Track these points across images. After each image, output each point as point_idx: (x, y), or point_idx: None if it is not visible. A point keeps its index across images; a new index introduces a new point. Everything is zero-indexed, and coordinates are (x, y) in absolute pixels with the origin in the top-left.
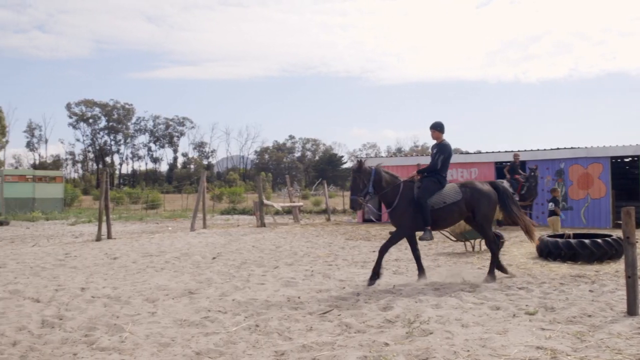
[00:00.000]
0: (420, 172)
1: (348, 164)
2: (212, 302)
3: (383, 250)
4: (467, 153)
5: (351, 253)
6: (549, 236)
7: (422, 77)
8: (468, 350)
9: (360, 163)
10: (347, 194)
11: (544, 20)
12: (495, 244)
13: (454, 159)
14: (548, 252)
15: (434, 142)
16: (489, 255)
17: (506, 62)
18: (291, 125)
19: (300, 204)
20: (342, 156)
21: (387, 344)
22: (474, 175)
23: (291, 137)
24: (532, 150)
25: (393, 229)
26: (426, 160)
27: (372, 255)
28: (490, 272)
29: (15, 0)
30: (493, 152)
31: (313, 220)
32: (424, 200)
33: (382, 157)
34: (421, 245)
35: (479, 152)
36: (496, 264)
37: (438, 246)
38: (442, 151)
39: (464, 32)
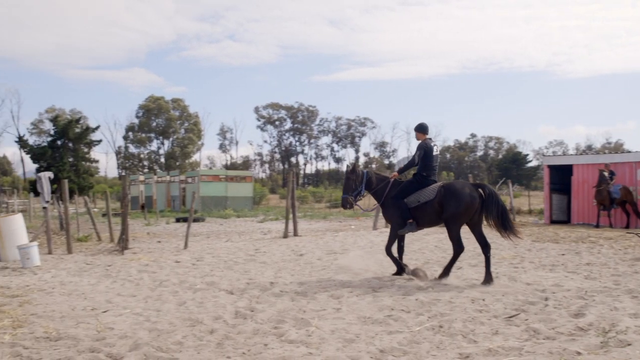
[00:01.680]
0: (399, 171)
1: (534, 163)
2: (395, 301)
3: (388, 250)
4: None
5: (538, 255)
6: None
7: (616, 68)
8: None
9: (354, 166)
10: (534, 193)
11: None
12: (458, 247)
13: (637, 157)
14: None
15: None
16: None
17: None
18: (473, 123)
19: None
20: (527, 154)
21: (579, 353)
22: None
23: (473, 135)
24: None
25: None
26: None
27: (562, 259)
28: (487, 275)
29: (210, 12)
30: None
31: None
32: (397, 199)
33: (570, 154)
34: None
35: None
36: (449, 267)
37: (635, 251)
38: (418, 149)
39: None
